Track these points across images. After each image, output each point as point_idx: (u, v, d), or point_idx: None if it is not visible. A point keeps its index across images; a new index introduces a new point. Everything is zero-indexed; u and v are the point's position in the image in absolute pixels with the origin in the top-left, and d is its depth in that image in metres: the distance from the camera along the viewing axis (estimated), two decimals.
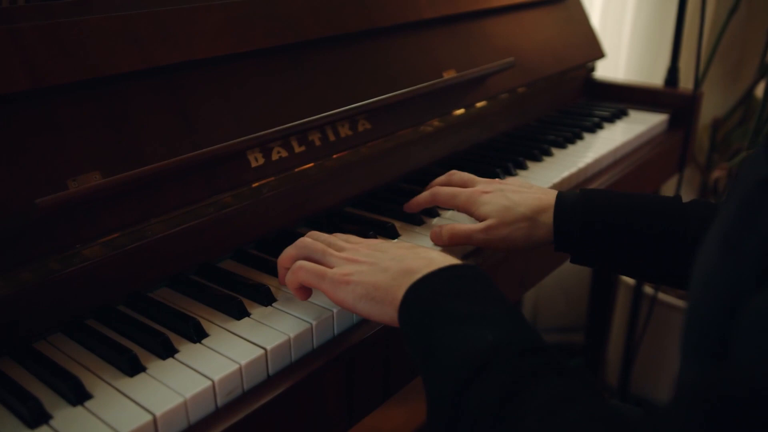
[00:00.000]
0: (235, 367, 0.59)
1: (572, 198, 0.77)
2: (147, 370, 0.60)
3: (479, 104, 1.15)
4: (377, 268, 0.61)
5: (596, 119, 1.28)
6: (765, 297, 0.36)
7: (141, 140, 0.71)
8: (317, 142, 0.87)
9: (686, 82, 1.45)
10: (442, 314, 0.54)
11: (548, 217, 0.77)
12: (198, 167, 0.74)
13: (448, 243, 0.79)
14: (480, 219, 0.79)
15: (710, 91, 1.79)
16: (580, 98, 1.48)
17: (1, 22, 0.63)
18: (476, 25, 1.18)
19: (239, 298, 0.69)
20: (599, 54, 1.49)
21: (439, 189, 0.85)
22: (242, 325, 0.66)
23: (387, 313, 0.59)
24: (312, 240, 0.68)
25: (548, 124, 1.30)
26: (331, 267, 0.64)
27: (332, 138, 0.89)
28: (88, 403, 0.56)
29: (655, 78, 1.80)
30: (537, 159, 1.10)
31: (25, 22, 0.65)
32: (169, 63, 0.74)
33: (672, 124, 1.37)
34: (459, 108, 1.11)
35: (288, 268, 0.68)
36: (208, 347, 0.63)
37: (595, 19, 1.88)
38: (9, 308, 0.62)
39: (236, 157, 0.78)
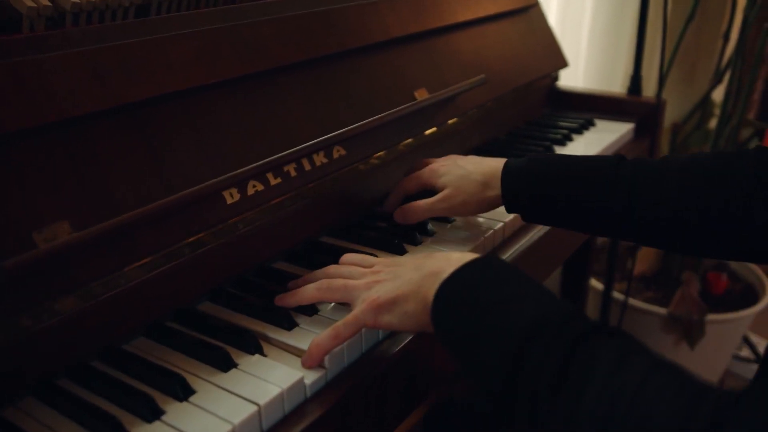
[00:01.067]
0: (228, 427, 0.56)
1: (518, 166, 0.83)
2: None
3: (451, 121, 1.13)
4: (401, 282, 0.63)
5: (565, 131, 1.28)
6: None
7: (110, 185, 0.66)
8: (293, 173, 0.84)
9: (645, 90, 1.47)
10: (479, 303, 0.56)
11: (497, 179, 0.84)
12: (171, 211, 0.70)
13: (413, 220, 0.87)
14: (440, 189, 0.86)
15: (668, 96, 1.81)
16: (545, 108, 1.47)
17: None
18: (443, 41, 1.17)
19: (224, 347, 0.65)
20: (562, 63, 1.49)
21: (407, 177, 0.93)
22: (230, 378, 0.62)
23: (422, 320, 0.61)
24: (330, 281, 0.69)
25: (518, 137, 1.29)
26: (355, 300, 0.66)
27: (308, 167, 0.86)
28: None
29: (613, 86, 1.82)
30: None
31: None
32: (137, 99, 0.70)
33: (637, 132, 1.38)
34: (431, 127, 1.09)
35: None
36: (197, 406, 0.59)
37: (554, 28, 1.89)
38: None
39: (211, 196, 0.74)
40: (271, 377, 0.62)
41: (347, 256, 0.75)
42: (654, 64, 1.89)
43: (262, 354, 0.66)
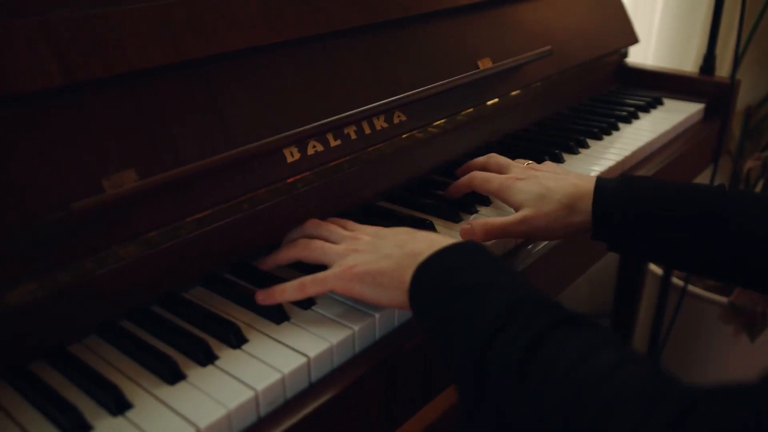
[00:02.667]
0: (278, 376, 0.57)
1: (613, 185, 0.74)
2: (187, 378, 0.58)
3: (513, 93, 1.11)
4: (380, 255, 0.63)
5: (631, 108, 1.25)
6: None
7: (175, 137, 0.68)
8: (353, 136, 0.84)
9: (719, 70, 1.41)
10: (454, 287, 0.56)
11: (586, 204, 0.74)
12: (233, 165, 0.71)
13: (483, 239, 0.76)
14: (515, 207, 0.78)
15: (743, 77, 1.74)
16: (613, 85, 1.43)
17: (30, 14, 0.60)
18: (510, 11, 1.15)
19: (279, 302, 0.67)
20: (633, 40, 1.44)
21: (475, 173, 0.85)
22: (283, 330, 0.64)
23: (395, 297, 0.61)
24: (308, 241, 0.70)
25: (581, 113, 1.26)
26: (332, 264, 0.66)
27: (368, 131, 0.86)
28: (129, 414, 0.54)
29: (685, 65, 1.76)
30: (573, 151, 1.07)
31: (58, 12, 0.62)
32: (203, 55, 0.71)
33: (708, 114, 1.33)
34: (493, 98, 1.07)
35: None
36: (249, 353, 0.61)
37: (627, 3, 1.83)
38: (44, 311, 0.60)
39: (272, 153, 0.75)
40: (322, 332, 0.63)
41: (330, 219, 0.75)
42: (730, 44, 1.81)
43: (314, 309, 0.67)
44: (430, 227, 0.81)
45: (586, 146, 1.10)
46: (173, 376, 0.57)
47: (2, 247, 0.56)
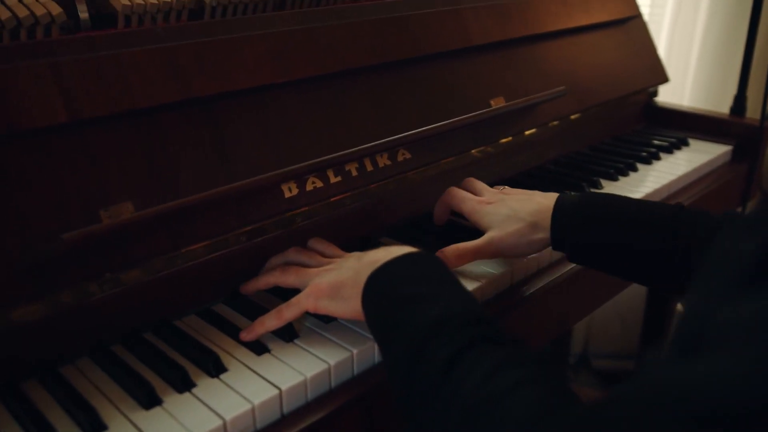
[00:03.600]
0: (248, 407, 0.60)
1: (571, 200, 0.79)
2: (163, 404, 0.61)
3: (528, 132, 1.12)
4: (343, 269, 0.68)
5: (653, 149, 1.23)
6: (735, 309, 0.37)
7: (176, 171, 0.72)
8: (354, 173, 0.87)
9: (753, 112, 1.38)
10: (397, 297, 0.60)
11: (547, 220, 0.79)
12: (231, 198, 0.75)
13: (456, 264, 0.80)
14: (483, 229, 0.82)
15: None
16: (640, 124, 1.42)
17: (43, 56, 0.65)
18: (528, 50, 1.16)
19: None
20: (662, 79, 1.43)
21: (453, 190, 0.89)
22: (262, 362, 0.66)
23: (356, 306, 0.64)
24: (286, 267, 0.75)
25: (601, 152, 1.26)
26: (306, 286, 0.70)
27: (370, 168, 0.89)
28: None
29: (722, 106, 1.72)
30: (583, 191, 1.07)
31: (68, 55, 0.67)
32: (207, 94, 0.75)
33: (736, 156, 1.31)
34: (506, 136, 1.08)
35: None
36: (226, 383, 0.63)
37: (662, 42, 1.81)
38: (42, 332, 0.64)
39: (269, 188, 0.78)
40: (297, 365, 0.65)
41: (314, 241, 0.80)
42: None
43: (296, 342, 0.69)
44: None
45: (598, 186, 1.09)
46: (149, 401, 0.60)
47: (5, 271, 0.61)
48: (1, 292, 0.61)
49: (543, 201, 0.80)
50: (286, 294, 0.74)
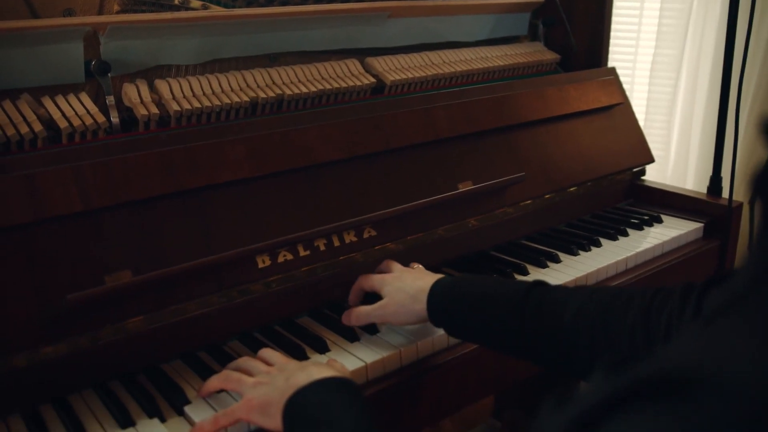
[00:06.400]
0: None
1: (442, 284, 0.92)
2: (135, 426, 0.80)
3: (498, 210, 1.28)
4: (272, 388, 0.78)
5: (621, 226, 1.36)
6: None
7: (167, 246, 0.93)
8: (322, 247, 1.05)
9: (738, 193, 1.48)
10: (303, 420, 0.72)
11: (424, 297, 0.92)
12: (211, 268, 0.94)
13: (355, 323, 0.98)
14: (383, 297, 0.97)
15: None
16: (623, 201, 1.54)
17: (66, 161, 0.88)
18: (501, 138, 1.32)
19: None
20: (646, 159, 1.56)
21: (363, 276, 1.03)
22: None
23: (276, 423, 0.76)
24: (230, 373, 0.84)
25: (577, 228, 1.39)
26: (243, 394, 0.81)
27: (337, 243, 1.07)
28: None
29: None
30: (541, 265, 1.21)
31: (87, 159, 0.89)
32: (196, 186, 0.96)
33: (707, 233, 1.41)
34: (475, 215, 1.24)
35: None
36: (188, 419, 0.82)
37: (661, 119, 1.93)
38: (56, 368, 0.85)
39: (244, 260, 0.98)
40: None
41: (263, 352, 0.89)
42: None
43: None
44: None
45: (557, 260, 1.23)
46: (125, 422, 0.79)
47: (31, 321, 0.82)
48: (30, 334, 0.82)
49: (429, 281, 0.94)
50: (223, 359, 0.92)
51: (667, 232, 1.36)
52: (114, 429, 0.80)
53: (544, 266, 1.21)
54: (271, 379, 0.80)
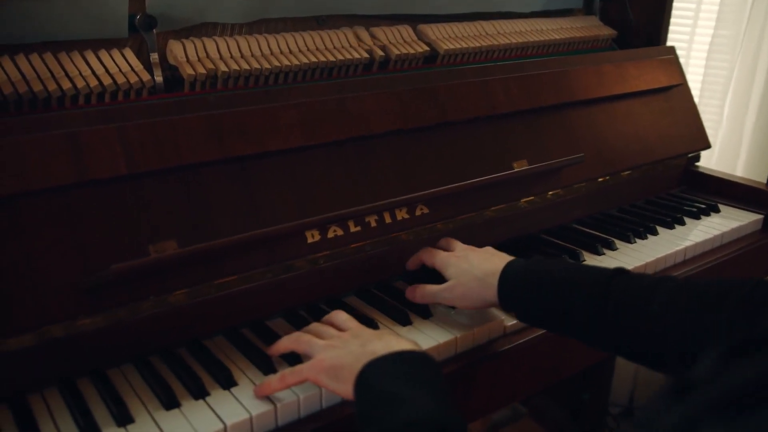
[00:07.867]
0: (247, 416, 0.73)
1: (514, 268, 0.87)
2: (180, 407, 0.75)
3: (551, 192, 1.21)
4: (346, 351, 0.74)
5: (678, 214, 1.29)
6: None
7: (213, 216, 0.87)
8: (373, 224, 1.00)
9: None
10: (378, 394, 0.67)
11: (494, 280, 0.87)
12: (259, 242, 0.89)
13: (420, 301, 0.94)
14: (447, 278, 0.93)
15: None
16: (677, 187, 1.47)
17: (114, 121, 0.82)
18: (557, 117, 1.25)
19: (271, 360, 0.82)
20: (703, 145, 1.48)
21: (425, 249, 0.99)
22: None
23: (347, 389, 0.71)
24: (300, 334, 0.81)
25: (629, 214, 1.32)
26: (313, 355, 0.77)
27: (388, 221, 1.01)
28: (130, 426, 0.72)
29: None
30: (597, 252, 1.15)
31: (133, 119, 0.83)
32: (245, 154, 0.90)
33: None
34: (528, 196, 1.18)
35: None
36: (234, 396, 0.77)
37: (715, 104, 1.85)
38: (94, 339, 0.80)
39: (294, 234, 0.92)
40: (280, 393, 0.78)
41: (336, 314, 0.85)
42: None
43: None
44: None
45: (612, 248, 1.17)
46: (170, 403, 0.75)
47: (72, 290, 0.77)
48: (66, 307, 0.77)
49: (498, 263, 0.88)
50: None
51: (727, 222, 1.29)
52: (158, 410, 0.75)
53: (600, 253, 1.15)
54: (343, 343, 0.76)
